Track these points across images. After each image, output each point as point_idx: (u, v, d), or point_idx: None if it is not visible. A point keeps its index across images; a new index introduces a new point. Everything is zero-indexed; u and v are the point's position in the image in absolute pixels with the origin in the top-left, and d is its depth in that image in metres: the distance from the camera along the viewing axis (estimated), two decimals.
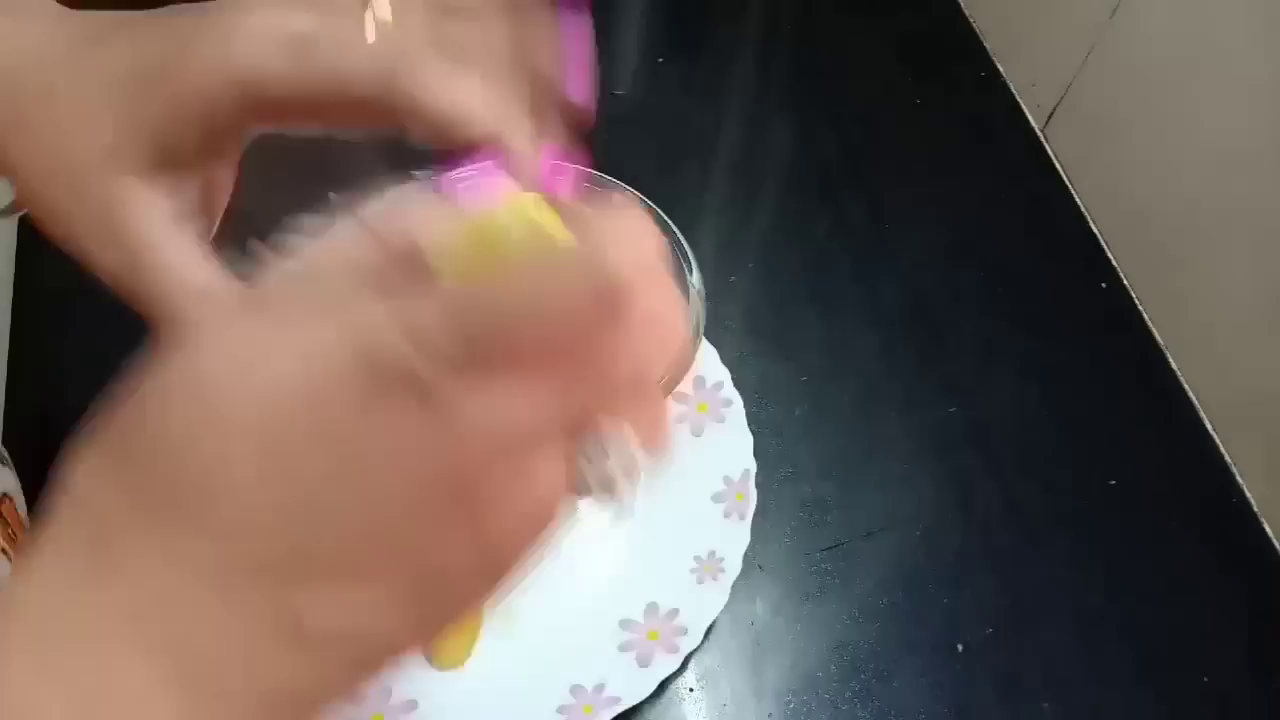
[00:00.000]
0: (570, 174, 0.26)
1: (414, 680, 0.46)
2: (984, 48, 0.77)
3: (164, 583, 0.19)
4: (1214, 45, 0.57)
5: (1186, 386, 0.61)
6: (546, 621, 0.49)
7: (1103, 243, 0.67)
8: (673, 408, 0.54)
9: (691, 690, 0.49)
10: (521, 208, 0.23)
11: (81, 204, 0.27)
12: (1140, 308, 0.64)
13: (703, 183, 0.68)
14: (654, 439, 0.22)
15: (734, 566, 0.50)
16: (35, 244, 0.59)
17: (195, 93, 0.26)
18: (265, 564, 0.19)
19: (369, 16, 0.26)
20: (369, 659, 0.21)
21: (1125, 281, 0.65)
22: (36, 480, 0.49)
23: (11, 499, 0.45)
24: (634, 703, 0.46)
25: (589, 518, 0.52)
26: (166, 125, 0.26)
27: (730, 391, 0.55)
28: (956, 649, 0.51)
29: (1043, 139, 0.72)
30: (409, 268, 0.20)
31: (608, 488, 0.22)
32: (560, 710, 0.46)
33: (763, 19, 0.78)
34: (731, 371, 0.56)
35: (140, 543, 0.19)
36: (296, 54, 0.25)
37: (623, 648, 0.48)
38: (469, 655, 0.47)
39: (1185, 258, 0.62)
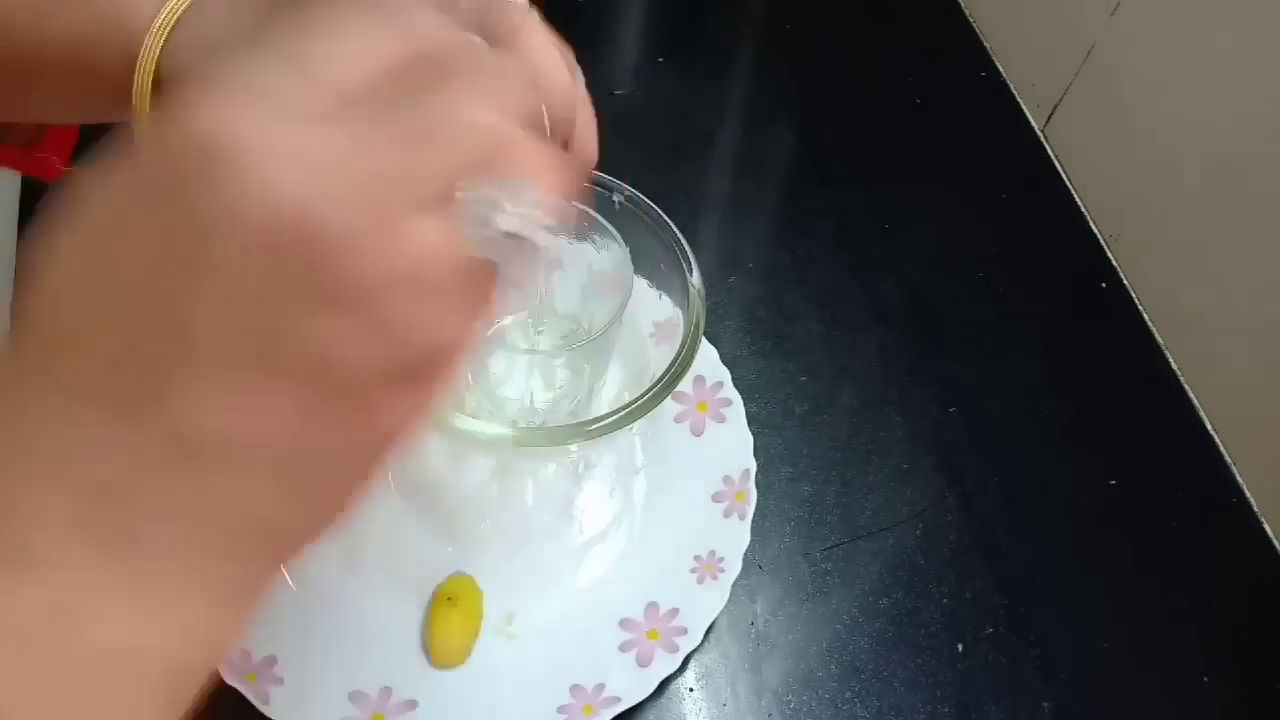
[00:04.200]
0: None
1: (414, 680, 0.46)
2: (984, 48, 0.77)
3: (59, 426, 0.20)
4: (1213, 45, 0.57)
5: (1186, 386, 0.61)
6: (546, 621, 0.49)
7: (1103, 243, 0.67)
8: (672, 406, 0.54)
9: (691, 690, 0.49)
10: None
11: None
12: (1140, 308, 0.64)
13: (702, 182, 0.68)
14: (553, 183, 0.21)
15: (734, 566, 0.50)
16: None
17: None
18: (126, 369, 0.19)
19: None
20: (304, 482, 0.21)
21: (1125, 281, 0.65)
22: None
23: None
24: (634, 703, 0.46)
25: (590, 516, 0.52)
26: None
27: (730, 391, 0.55)
28: (956, 649, 0.51)
29: (1043, 139, 0.72)
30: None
31: (507, 239, 0.21)
32: (560, 710, 0.46)
33: (762, 19, 0.78)
34: (731, 371, 0.56)
35: (26, 381, 0.20)
36: None
37: (623, 648, 0.48)
38: (469, 655, 0.47)
39: (1185, 257, 0.62)
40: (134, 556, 0.20)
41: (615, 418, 0.44)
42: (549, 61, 0.27)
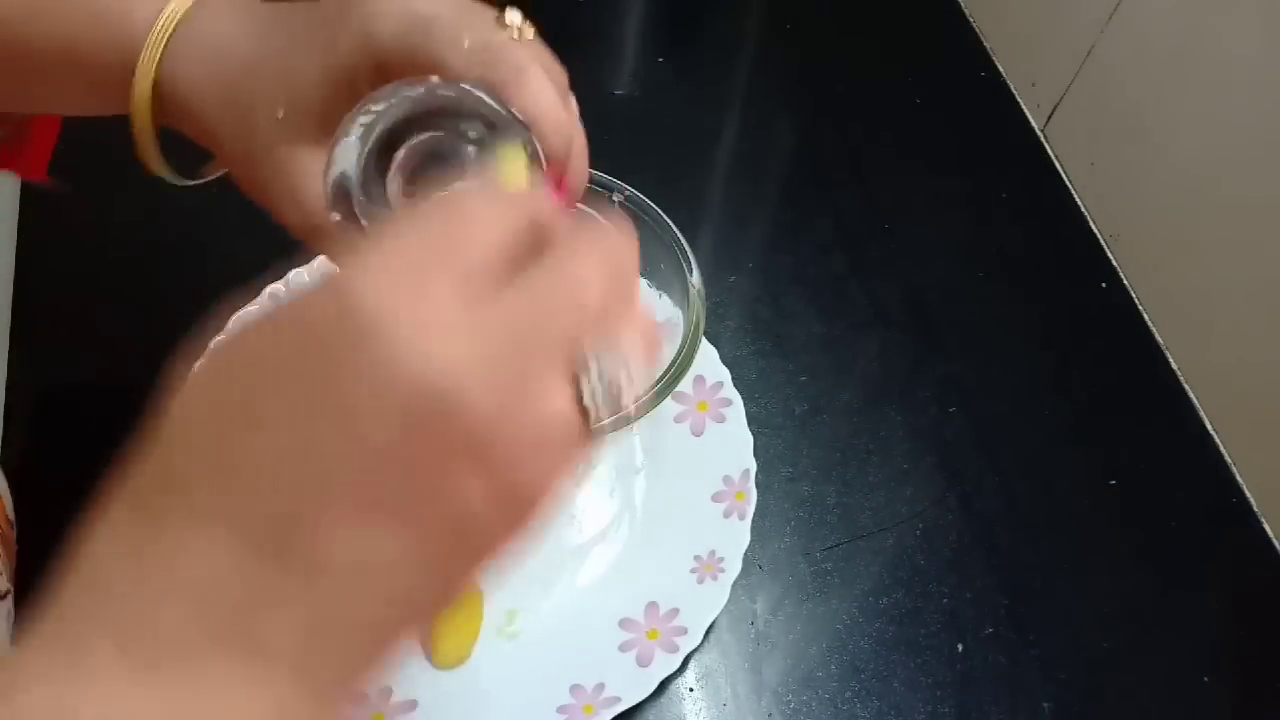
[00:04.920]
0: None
1: (414, 680, 0.46)
2: (984, 48, 0.77)
3: (198, 547, 0.22)
4: (1213, 45, 0.57)
5: (1186, 386, 0.61)
6: (546, 621, 0.49)
7: (1103, 243, 0.67)
8: (672, 406, 0.54)
9: (691, 690, 0.49)
10: None
11: (267, 174, 0.32)
12: (1140, 308, 0.64)
13: (702, 183, 0.68)
14: (646, 346, 0.25)
15: (734, 566, 0.50)
16: (36, 240, 0.59)
17: (343, 67, 0.30)
18: (262, 502, 0.22)
19: (503, 17, 0.31)
20: (411, 600, 0.24)
21: (1125, 281, 0.65)
22: (35, 476, 0.49)
23: (1, 498, 0.45)
24: (634, 702, 0.46)
25: (590, 516, 0.52)
26: (322, 95, 0.31)
27: (730, 391, 0.55)
28: (956, 649, 0.51)
29: (1043, 139, 0.72)
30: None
31: (610, 399, 0.24)
32: (560, 710, 0.46)
33: (762, 19, 0.78)
34: (731, 371, 0.56)
35: (174, 510, 0.22)
36: (416, 33, 0.30)
37: (623, 648, 0.48)
38: (469, 655, 0.47)
39: (1185, 257, 0.62)
40: (259, 665, 0.22)
41: (615, 418, 0.44)
42: (549, 106, 0.29)
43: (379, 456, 0.21)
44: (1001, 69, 0.75)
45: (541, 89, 0.29)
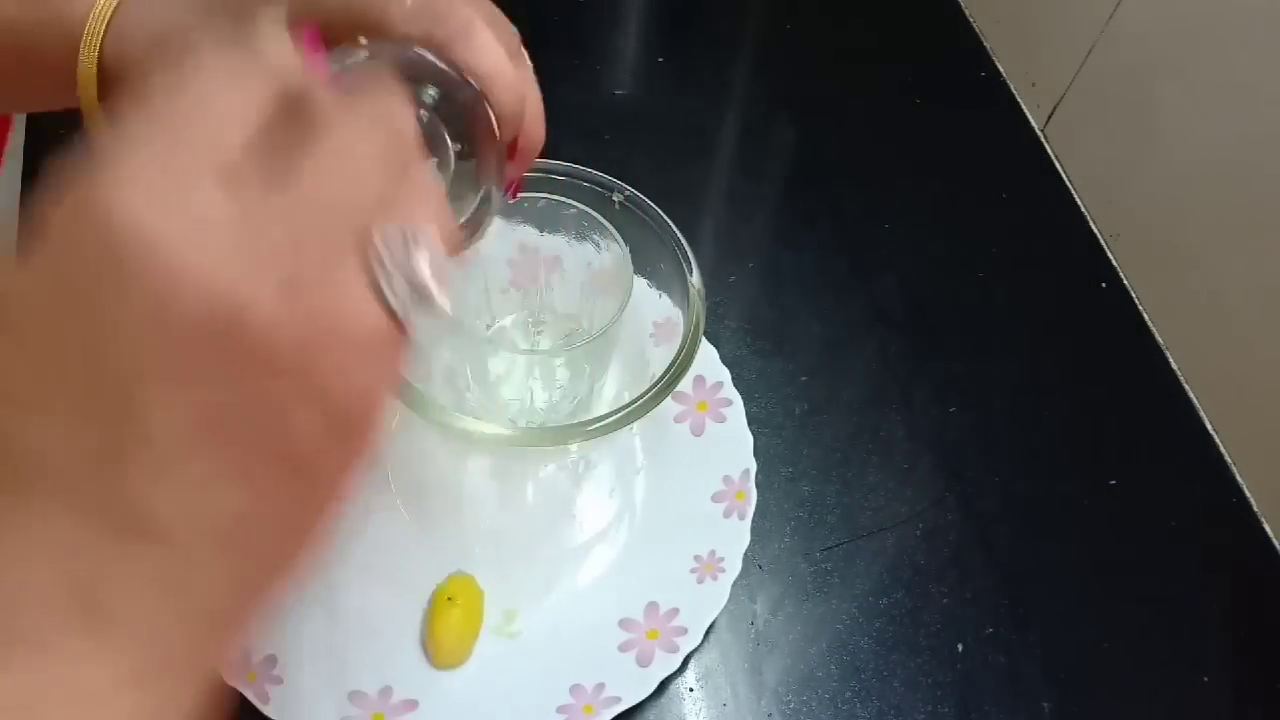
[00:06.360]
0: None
1: (414, 680, 0.46)
2: (984, 48, 0.77)
3: (27, 519, 0.20)
4: (1213, 45, 0.57)
5: (1186, 386, 0.61)
6: (546, 621, 0.49)
7: (1103, 243, 0.67)
8: (672, 406, 0.54)
9: (691, 690, 0.49)
10: None
11: None
12: (1140, 308, 0.64)
13: (702, 182, 0.68)
14: (439, 224, 0.23)
15: (734, 566, 0.50)
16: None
17: None
18: (83, 464, 0.20)
19: None
20: (261, 547, 0.22)
21: (1125, 281, 0.65)
22: None
23: None
24: (634, 702, 0.46)
25: (590, 516, 0.52)
26: None
27: (730, 391, 0.55)
28: (956, 649, 0.51)
29: (1043, 139, 0.72)
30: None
31: (414, 290, 0.22)
32: (560, 710, 0.46)
33: (762, 18, 0.78)
34: (731, 371, 0.56)
35: None
36: None
37: (623, 647, 0.48)
38: (469, 655, 0.47)
39: (1185, 258, 0.62)
40: (106, 636, 0.20)
41: (615, 418, 0.44)
42: (497, 64, 0.28)
43: (176, 388, 0.20)
44: (1001, 69, 0.75)
45: (488, 46, 0.28)
